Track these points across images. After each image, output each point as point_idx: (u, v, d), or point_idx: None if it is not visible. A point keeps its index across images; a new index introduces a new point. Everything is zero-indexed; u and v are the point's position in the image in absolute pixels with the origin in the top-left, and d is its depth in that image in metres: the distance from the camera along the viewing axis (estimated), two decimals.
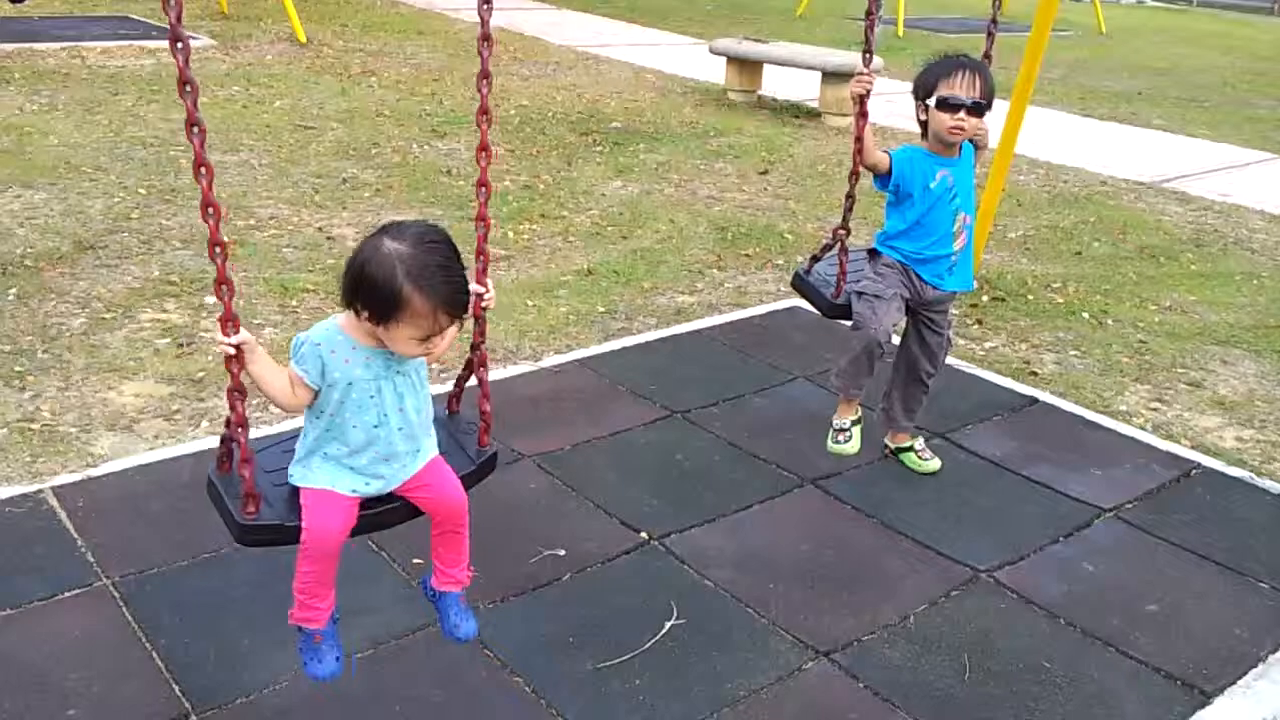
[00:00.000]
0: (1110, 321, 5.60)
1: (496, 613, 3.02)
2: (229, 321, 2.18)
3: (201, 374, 4.31)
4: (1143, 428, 4.42)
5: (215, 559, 3.17)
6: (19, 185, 6.37)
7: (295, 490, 2.33)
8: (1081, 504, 3.74)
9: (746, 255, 6.24)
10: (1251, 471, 4.07)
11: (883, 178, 3.56)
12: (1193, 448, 4.26)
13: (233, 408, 2.25)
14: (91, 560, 3.13)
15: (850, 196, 3.66)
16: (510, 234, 6.25)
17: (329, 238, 5.95)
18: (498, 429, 3.95)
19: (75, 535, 3.23)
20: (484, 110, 2.47)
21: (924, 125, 3.54)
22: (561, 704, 2.70)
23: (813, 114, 10.11)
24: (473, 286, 2.43)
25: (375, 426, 2.28)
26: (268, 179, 6.90)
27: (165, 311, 4.87)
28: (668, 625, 3.00)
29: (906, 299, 3.66)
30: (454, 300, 2.16)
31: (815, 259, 3.85)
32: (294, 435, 2.44)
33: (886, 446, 3.98)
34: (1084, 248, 6.82)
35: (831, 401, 4.33)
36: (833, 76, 9.72)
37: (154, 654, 2.77)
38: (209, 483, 2.42)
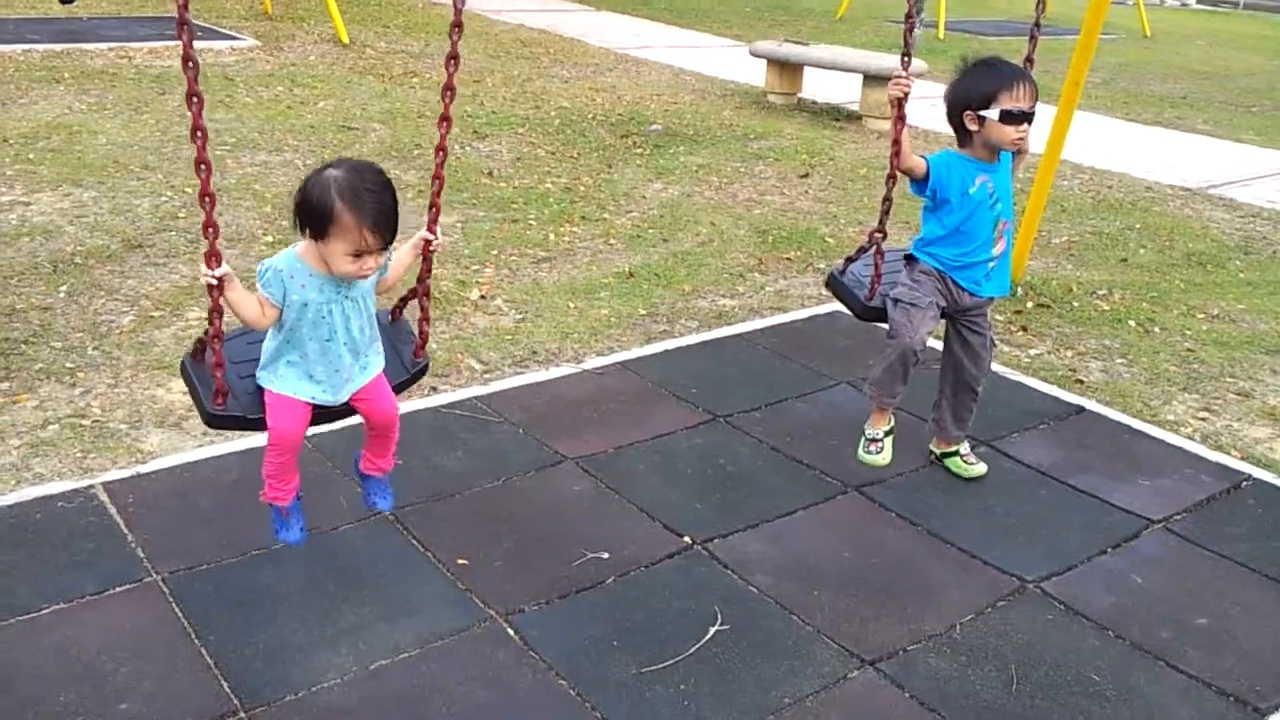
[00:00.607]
0: (1157, 329, 5.53)
1: (541, 615, 3.02)
2: (213, 257, 2.59)
3: None
4: (1191, 437, 4.36)
5: (264, 556, 3.19)
6: (69, 184, 6.46)
7: (258, 387, 2.79)
8: (1130, 515, 3.69)
9: (787, 259, 6.22)
10: None
11: (919, 183, 3.53)
12: (1242, 459, 4.20)
13: (211, 323, 2.68)
14: (141, 556, 3.16)
15: (887, 200, 3.64)
16: (551, 236, 6.27)
17: None
18: (541, 431, 4.00)
19: (125, 531, 3.27)
20: (449, 87, 2.91)
21: (967, 133, 3.48)
22: (606, 708, 2.70)
23: (853, 117, 10.07)
24: (422, 233, 2.92)
25: (327, 340, 2.71)
26: None
27: None
28: (712, 630, 2.99)
29: (943, 306, 3.64)
30: (378, 219, 2.53)
31: (850, 260, 3.85)
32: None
33: (932, 452, 3.95)
34: (1130, 254, 6.74)
35: None
36: (874, 79, 9.68)
37: (203, 650, 2.80)
38: (183, 368, 2.92)
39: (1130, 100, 12.23)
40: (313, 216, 2.55)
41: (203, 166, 2.58)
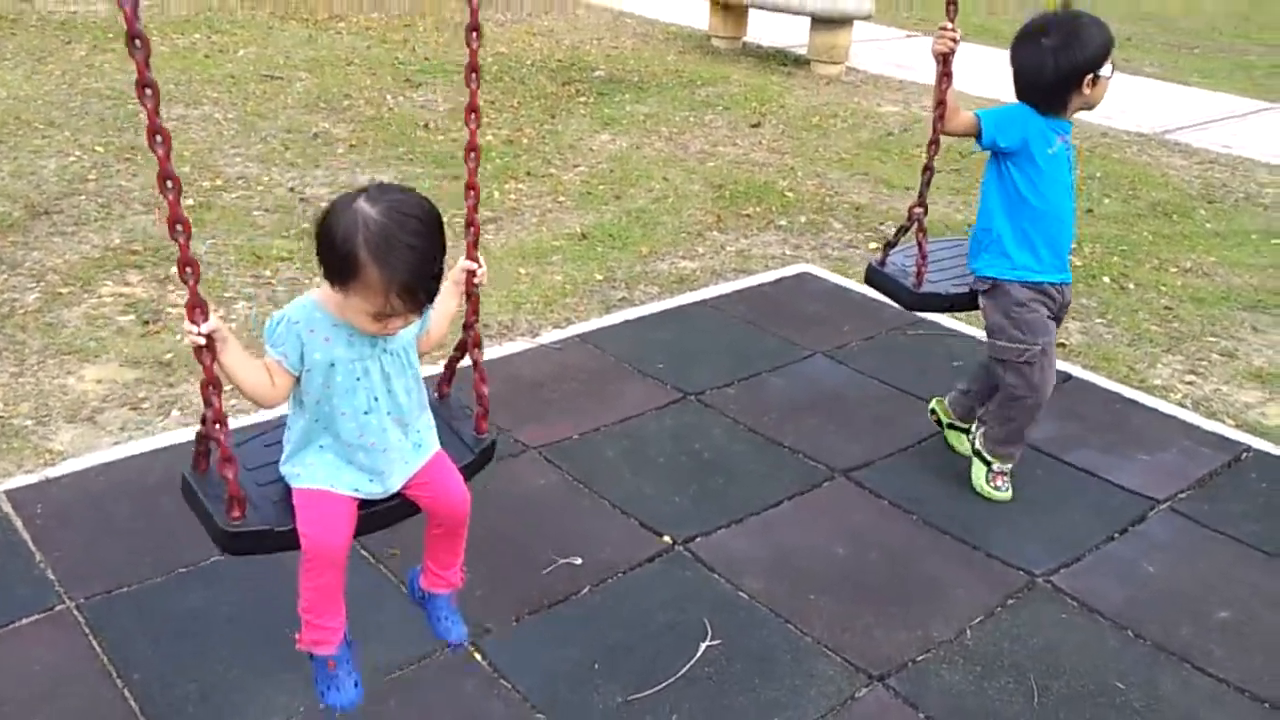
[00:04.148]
0: (1132, 285, 5.32)
1: (511, 636, 2.71)
2: (196, 308, 1.91)
3: (170, 355, 3.94)
4: (1182, 404, 4.15)
5: (194, 573, 2.84)
6: None
7: (285, 489, 2.10)
8: (1133, 495, 3.46)
9: (746, 215, 5.90)
10: None
11: (979, 139, 3.10)
12: (1237, 427, 4.00)
13: (208, 403, 1.99)
14: (52, 578, 2.79)
15: (929, 169, 3.26)
16: (496, 194, 5.88)
17: (302, 199, 5.56)
18: (498, 416, 3.62)
19: (33, 548, 2.89)
20: (473, 67, 2.22)
21: (1066, 100, 3.05)
22: None
23: (801, 62, 9.71)
24: (463, 262, 2.27)
25: (366, 413, 2.04)
26: (234, 134, 6.46)
27: (128, 284, 4.48)
28: (702, 647, 2.70)
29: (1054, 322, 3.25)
30: (410, 284, 1.90)
31: (890, 245, 3.45)
32: (277, 426, 2.21)
33: (934, 412, 3.67)
34: (1095, 205, 6.52)
35: (855, 380, 4.08)
36: (822, 22, 9.32)
37: (126, 692, 2.45)
38: (184, 483, 2.15)
39: None
40: (331, 260, 1.92)
41: (169, 183, 1.85)
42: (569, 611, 2.80)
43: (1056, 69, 3.00)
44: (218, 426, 1.99)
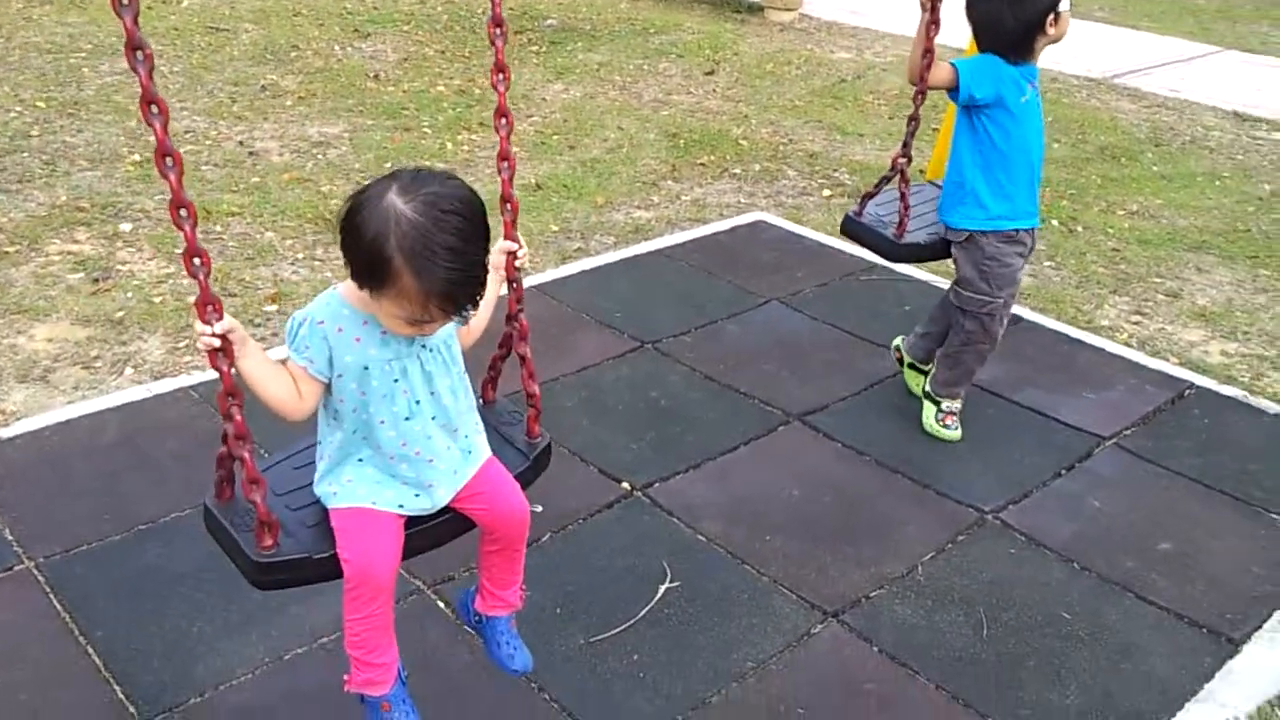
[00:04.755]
0: (1080, 229, 5.40)
1: (474, 581, 2.74)
2: (209, 304, 1.69)
3: (121, 313, 3.91)
4: (1128, 344, 4.24)
5: (152, 530, 2.84)
6: None
7: (321, 512, 1.91)
8: (1079, 432, 3.55)
9: (701, 164, 5.90)
10: (1244, 390, 3.91)
11: (954, 91, 3.07)
12: (1181, 364, 4.09)
13: (228, 417, 1.77)
14: (10, 538, 2.78)
15: (914, 119, 3.21)
16: (449, 145, 5.83)
17: (251, 153, 5.48)
18: None
19: None
20: (497, 21, 2.03)
21: (1031, 44, 3.03)
22: (552, 685, 2.46)
23: (755, 8, 9.66)
24: (502, 243, 2.05)
25: (407, 419, 1.86)
26: (180, 88, 6.35)
27: (76, 242, 4.41)
28: (662, 589, 2.75)
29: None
30: (451, 292, 1.70)
31: (868, 196, 3.41)
32: (306, 448, 2.03)
33: (897, 349, 3.72)
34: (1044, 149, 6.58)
35: (809, 325, 4.11)
36: None
37: (90, 649, 2.46)
38: (207, 513, 1.95)
39: None
40: (359, 261, 1.71)
41: (170, 160, 1.68)
42: (530, 559, 2.78)
43: (1017, 20, 2.98)
44: (241, 443, 1.78)
